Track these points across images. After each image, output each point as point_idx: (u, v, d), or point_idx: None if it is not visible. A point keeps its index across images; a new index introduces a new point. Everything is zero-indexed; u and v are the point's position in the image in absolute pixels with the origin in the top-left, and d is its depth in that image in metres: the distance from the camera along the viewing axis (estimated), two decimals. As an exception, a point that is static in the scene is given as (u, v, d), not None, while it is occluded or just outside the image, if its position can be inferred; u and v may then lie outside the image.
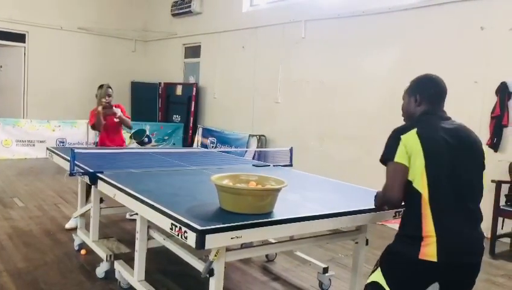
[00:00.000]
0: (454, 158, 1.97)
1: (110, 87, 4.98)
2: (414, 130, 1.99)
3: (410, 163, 1.95)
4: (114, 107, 4.91)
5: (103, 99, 4.83)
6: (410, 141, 1.97)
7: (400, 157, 1.96)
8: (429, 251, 1.88)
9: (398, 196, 1.98)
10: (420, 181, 1.94)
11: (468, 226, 1.96)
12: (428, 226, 1.90)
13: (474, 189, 2.02)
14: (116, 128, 5.05)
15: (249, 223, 2.12)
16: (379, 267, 2.06)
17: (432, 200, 1.91)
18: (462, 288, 2.04)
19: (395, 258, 2.02)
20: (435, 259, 1.88)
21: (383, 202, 2.17)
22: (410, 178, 1.97)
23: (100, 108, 4.83)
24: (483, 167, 2.07)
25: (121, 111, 5.00)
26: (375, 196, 2.26)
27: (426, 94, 2.12)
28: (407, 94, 2.20)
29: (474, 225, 1.98)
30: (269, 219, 2.23)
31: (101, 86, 5.00)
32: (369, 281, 2.09)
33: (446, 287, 2.00)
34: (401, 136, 1.99)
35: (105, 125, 4.92)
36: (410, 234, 1.97)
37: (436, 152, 1.96)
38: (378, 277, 2.04)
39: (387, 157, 2.01)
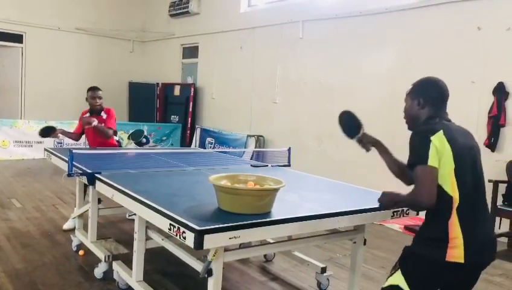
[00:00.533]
0: (473, 159, 2.00)
1: (99, 89, 4.89)
2: (441, 132, 1.94)
3: (440, 165, 1.90)
4: (91, 118, 4.74)
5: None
6: (440, 143, 1.91)
7: (432, 160, 1.88)
8: (456, 252, 1.89)
9: (431, 201, 1.87)
10: (450, 184, 1.91)
11: (488, 226, 2.04)
12: (455, 228, 1.90)
13: (485, 189, 2.06)
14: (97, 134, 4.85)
15: (247, 223, 2.12)
16: (399, 270, 2.00)
17: (460, 203, 1.91)
18: (469, 287, 2.07)
19: (419, 261, 1.96)
20: (462, 260, 1.88)
21: (411, 206, 2.13)
22: (439, 181, 1.92)
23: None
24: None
25: (110, 116, 4.85)
26: (383, 194, 2.14)
27: (429, 97, 2.08)
28: (409, 97, 2.15)
29: (491, 224, 2.09)
30: (267, 219, 2.23)
31: (90, 89, 4.92)
32: (386, 284, 2.03)
33: (453, 287, 2.02)
34: (431, 138, 1.91)
35: (88, 133, 4.87)
36: (435, 236, 1.94)
37: (461, 154, 1.95)
38: (398, 280, 1.98)
39: (420, 160, 1.91)
